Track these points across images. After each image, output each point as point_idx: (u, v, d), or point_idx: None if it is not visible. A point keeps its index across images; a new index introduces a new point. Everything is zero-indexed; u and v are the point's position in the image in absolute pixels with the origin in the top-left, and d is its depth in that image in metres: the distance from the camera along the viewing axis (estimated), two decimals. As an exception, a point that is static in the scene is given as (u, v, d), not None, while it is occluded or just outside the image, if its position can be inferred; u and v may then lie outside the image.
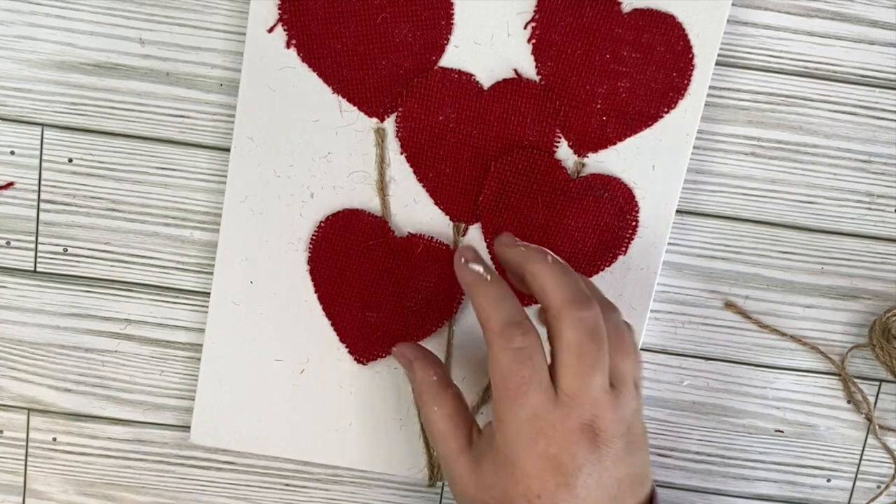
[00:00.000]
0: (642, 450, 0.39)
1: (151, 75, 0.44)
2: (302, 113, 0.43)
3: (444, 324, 0.45)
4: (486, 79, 0.43)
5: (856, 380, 0.49)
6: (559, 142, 0.44)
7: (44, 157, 0.45)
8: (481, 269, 0.39)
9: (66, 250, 0.46)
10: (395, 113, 0.43)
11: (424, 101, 0.43)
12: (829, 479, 0.50)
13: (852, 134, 0.46)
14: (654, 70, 0.43)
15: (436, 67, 0.43)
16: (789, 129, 0.46)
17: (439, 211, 0.44)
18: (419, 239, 0.44)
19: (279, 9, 0.42)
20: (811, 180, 0.47)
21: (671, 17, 0.43)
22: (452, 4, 0.42)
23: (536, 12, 0.42)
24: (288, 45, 0.42)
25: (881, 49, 0.45)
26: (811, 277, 0.48)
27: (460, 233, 0.45)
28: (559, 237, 0.44)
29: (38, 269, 0.46)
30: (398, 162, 0.44)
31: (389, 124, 0.44)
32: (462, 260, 0.40)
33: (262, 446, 0.47)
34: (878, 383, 0.49)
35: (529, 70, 0.43)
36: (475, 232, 0.45)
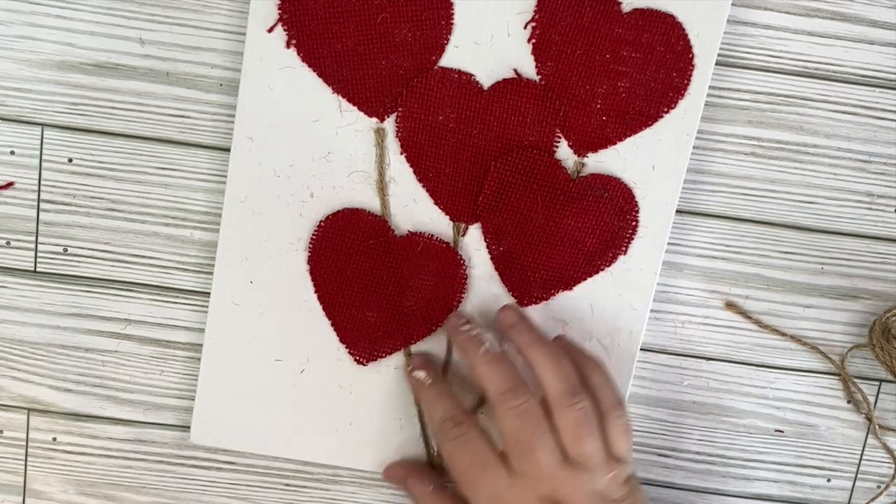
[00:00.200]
0: None
1: (151, 75, 0.44)
2: (302, 113, 0.43)
3: (441, 326, 0.45)
4: (486, 79, 0.43)
5: (856, 380, 0.49)
6: (559, 142, 0.44)
7: (44, 157, 0.45)
8: (423, 375, 0.44)
9: (66, 250, 0.46)
10: (395, 113, 0.43)
11: (424, 101, 0.43)
12: (829, 479, 0.50)
13: (852, 134, 0.46)
14: (654, 70, 0.43)
15: (436, 67, 0.43)
16: (789, 129, 0.46)
17: (439, 211, 0.44)
18: (419, 237, 0.44)
19: (279, 9, 0.42)
20: (811, 180, 0.47)
21: (671, 17, 0.43)
22: (452, 4, 0.42)
23: (536, 12, 0.42)
24: (288, 45, 0.42)
25: (881, 49, 0.45)
26: (811, 277, 0.48)
27: (460, 233, 0.45)
28: (559, 237, 0.44)
29: (38, 269, 0.46)
30: (398, 162, 0.44)
31: (389, 124, 0.44)
32: (409, 368, 0.45)
33: (262, 446, 0.47)
34: (878, 383, 0.49)
35: (529, 70, 0.43)
36: (475, 232, 0.45)
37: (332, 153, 0.44)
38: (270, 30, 0.42)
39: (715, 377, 0.49)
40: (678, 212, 0.45)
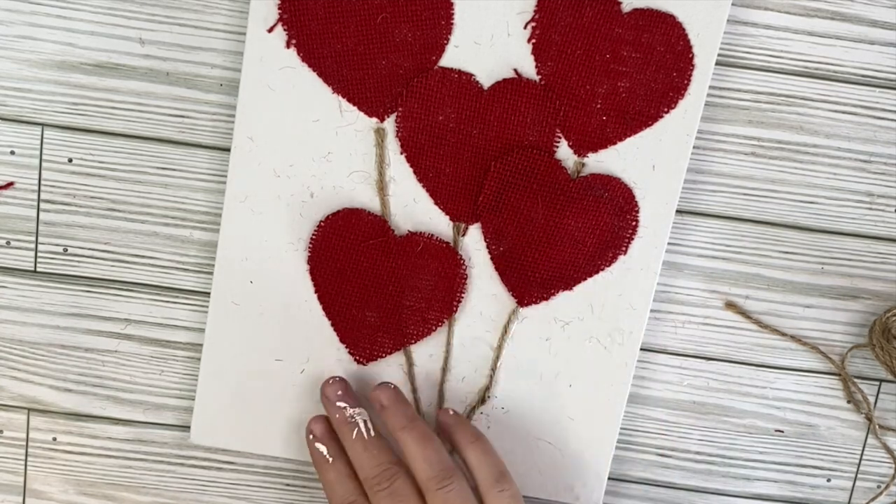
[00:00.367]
0: None
1: (151, 75, 0.44)
2: (302, 113, 0.43)
3: (444, 323, 0.45)
4: (486, 79, 0.43)
5: (856, 380, 0.49)
6: (559, 142, 0.44)
7: (44, 157, 0.45)
8: (325, 451, 0.43)
9: (66, 250, 0.46)
10: (395, 113, 0.43)
11: (424, 101, 0.43)
12: (829, 479, 0.50)
13: (852, 134, 0.46)
14: (654, 70, 0.43)
15: (436, 67, 0.43)
16: (789, 129, 0.46)
17: (439, 211, 0.44)
18: (419, 237, 0.44)
19: (279, 9, 0.42)
20: (811, 180, 0.47)
21: (671, 17, 0.43)
22: (452, 4, 0.42)
23: (536, 12, 0.42)
24: (288, 45, 0.42)
25: (881, 49, 0.45)
26: (811, 277, 0.48)
27: (460, 233, 0.45)
28: (559, 237, 0.44)
29: (38, 269, 0.46)
30: (398, 162, 0.44)
31: (389, 124, 0.44)
32: (310, 436, 0.44)
33: (262, 446, 0.47)
34: (878, 383, 0.49)
35: (529, 70, 0.43)
36: (475, 232, 0.45)
37: (332, 153, 0.44)
38: (270, 30, 0.42)
39: (715, 377, 0.49)
40: (678, 212, 0.45)
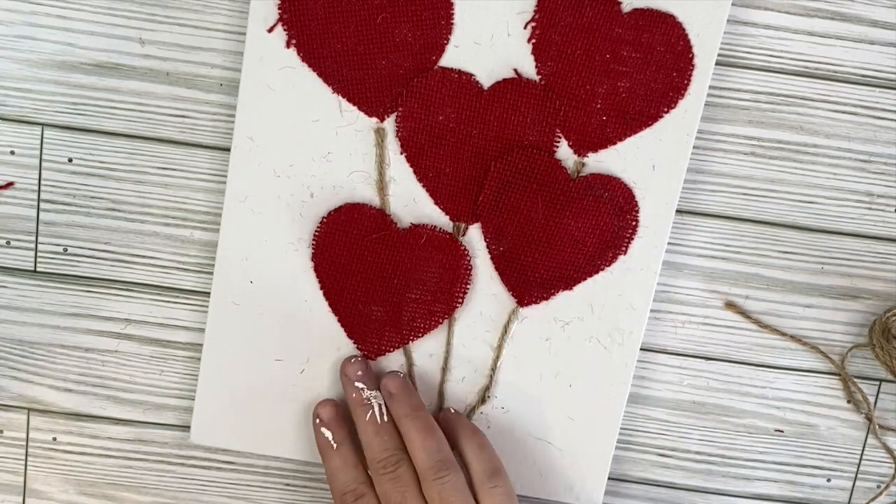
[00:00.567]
0: None
1: (151, 75, 0.44)
2: (302, 113, 0.43)
3: (447, 318, 0.45)
4: (486, 79, 0.43)
5: (856, 380, 0.49)
6: (559, 142, 0.44)
7: (44, 157, 0.45)
8: (330, 436, 0.43)
9: (66, 250, 0.46)
10: (395, 113, 0.43)
11: (424, 101, 0.43)
12: (829, 479, 0.50)
13: (852, 134, 0.46)
14: (654, 70, 0.43)
15: (436, 67, 0.43)
16: (789, 129, 0.46)
17: (439, 210, 0.44)
18: (422, 229, 0.44)
19: (279, 9, 0.42)
20: (811, 180, 0.47)
21: (671, 17, 0.43)
22: (452, 4, 0.42)
23: (536, 12, 0.42)
24: (288, 45, 0.42)
25: (881, 49, 0.45)
26: (811, 277, 0.48)
27: (460, 232, 0.45)
28: (559, 237, 0.44)
29: (38, 269, 0.46)
30: (398, 162, 0.44)
31: (389, 124, 0.44)
32: (316, 420, 0.44)
33: (262, 446, 0.47)
34: (878, 383, 0.49)
35: (529, 70, 0.43)
36: (475, 232, 0.45)
37: (332, 153, 0.44)
38: (270, 30, 0.42)
39: (715, 377, 0.49)
40: (678, 212, 0.45)
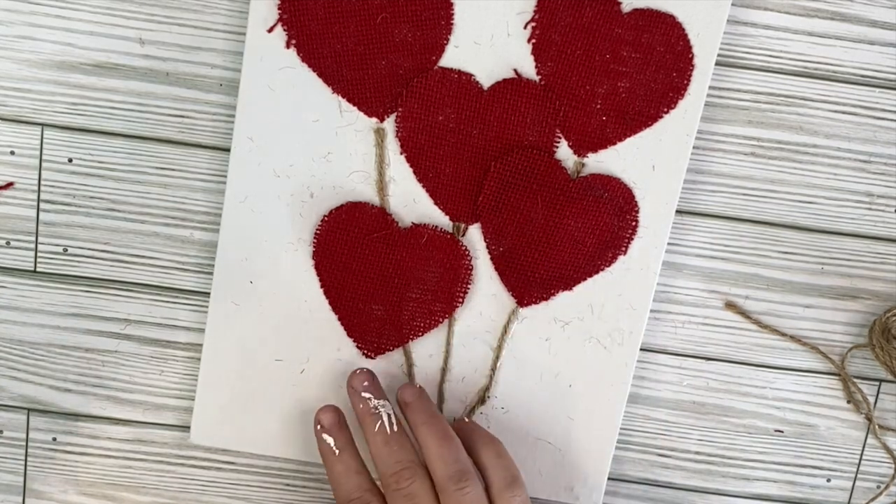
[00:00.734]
0: None
1: (151, 75, 0.44)
2: (302, 113, 0.43)
3: (447, 318, 0.45)
4: (486, 79, 0.43)
5: (856, 380, 0.49)
6: (559, 142, 0.44)
7: (44, 157, 0.45)
8: (332, 442, 0.43)
9: (66, 250, 0.46)
10: (395, 113, 0.43)
11: (424, 101, 0.43)
12: (829, 479, 0.50)
13: (852, 134, 0.46)
14: (654, 70, 0.43)
15: (436, 67, 0.43)
16: (789, 129, 0.46)
17: (439, 211, 0.44)
18: (423, 229, 0.44)
19: (279, 9, 0.42)
20: (811, 180, 0.47)
21: (671, 17, 0.43)
22: (452, 4, 0.42)
23: (536, 12, 0.42)
24: (288, 45, 0.42)
25: (881, 49, 0.45)
26: (811, 277, 0.48)
27: (460, 233, 0.45)
28: (559, 237, 0.44)
29: (38, 269, 0.46)
30: (398, 162, 0.44)
31: (389, 124, 0.44)
32: (318, 427, 0.43)
33: (262, 446, 0.47)
34: (878, 383, 0.49)
35: (529, 70, 0.43)
36: (475, 232, 0.45)
37: (332, 153, 0.44)
38: (270, 30, 0.42)
39: (715, 377, 0.49)
40: (678, 212, 0.45)
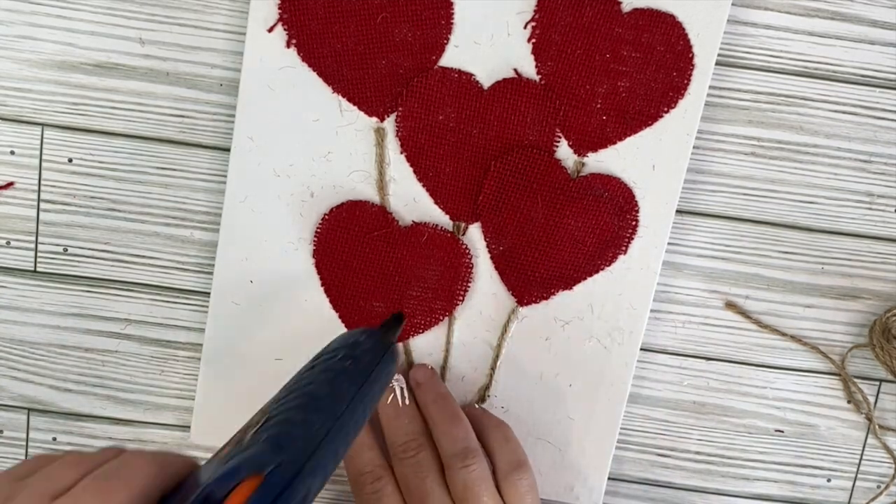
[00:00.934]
0: None
1: (151, 75, 0.44)
2: (302, 113, 0.43)
3: (447, 316, 0.45)
4: (486, 78, 0.43)
5: (856, 380, 0.49)
6: (559, 141, 0.44)
7: (44, 157, 0.45)
8: None
9: (66, 250, 0.46)
10: (396, 112, 0.43)
11: (424, 101, 0.43)
12: (829, 479, 0.50)
13: (852, 134, 0.46)
14: (654, 70, 0.43)
15: (436, 67, 0.43)
16: (789, 129, 0.46)
17: (439, 210, 0.44)
18: (424, 227, 0.44)
19: (279, 9, 0.42)
20: (811, 180, 0.47)
21: (671, 17, 0.43)
22: (452, 4, 0.42)
23: (536, 12, 0.42)
24: (288, 45, 0.42)
25: (881, 49, 0.45)
26: (811, 277, 0.48)
27: (460, 232, 0.45)
28: (559, 237, 0.44)
29: (38, 269, 0.46)
30: (398, 161, 0.44)
31: (389, 124, 0.44)
32: None
33: (262, 446, 0.47)
34: (878, 383, 0.49)
35: (529, 70, 0.43)
36: (475, 231, 0.45)
37: (332, 153, 0.44)
38: (270, 30, 0.42)
39: (715, 377, 0.49)
40: (678, 212, 0.45)
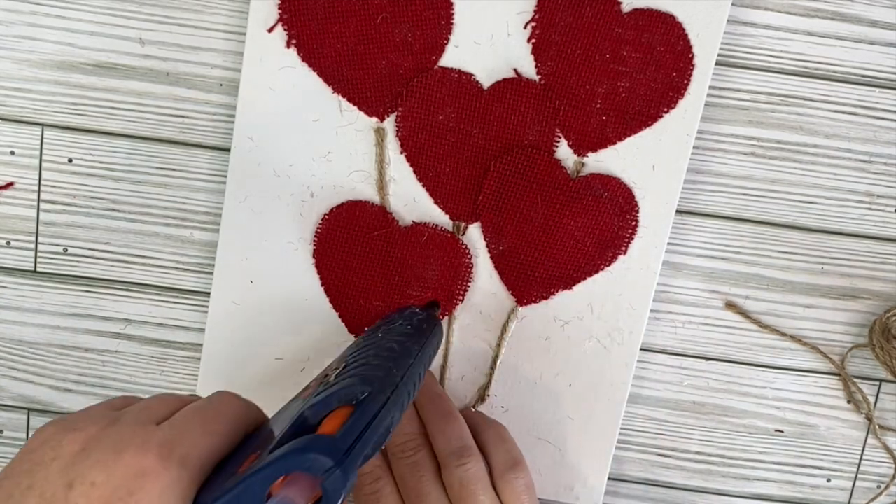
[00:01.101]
0: None
1: (151, 75, 0.44)
2: (302, 113, 0.43)
3: (447, 315, 0.45)
4: (486, 78, 0.43)
5: (856, 380, 0.49)
6: (559, 141, 0.44)
7: (44, 157, 0.45)
8: None
9: (66, 250, 0.46)
10: (395, 112, 0.43)
11: (424, 101, 0.43)
12: (829, 479, 0.50)
13: (852, 134, 0.46)
14: (654, 70, 0.43)
15: (436, 67, 0.43)
16: (789, 129, 0.46)
17: (439, 210, 0.44)
18: (424, 227, 0.44)
19: (279, 9, 0.42)
20: (811, 180, 0.47)
21: (671, 17, 0.43)
22: (452, 4, 0.42)
23: (536, 12, 0.42)
24: (288, 45, 0.42)
25: (881, 49, 0.45)
26: (811, 277, 0.48)
27: (460, 231, 0.45)
28: (559, 237, 0.44)
29: (38, 269, 0.46)
30: (398, 161, 0.44)
31: (389, 124, 0.44)
32: None
33: (262, 446, 0.47)
34: (878, 383, 0.49)
35: (529, 70, 0.43)
36: (475, 231, 0.45)
37: (332, 153, 0.44)
38: (270, 30, 0.42)
39: (715, 377, 0.49)
40: (678, 212, 0.45)
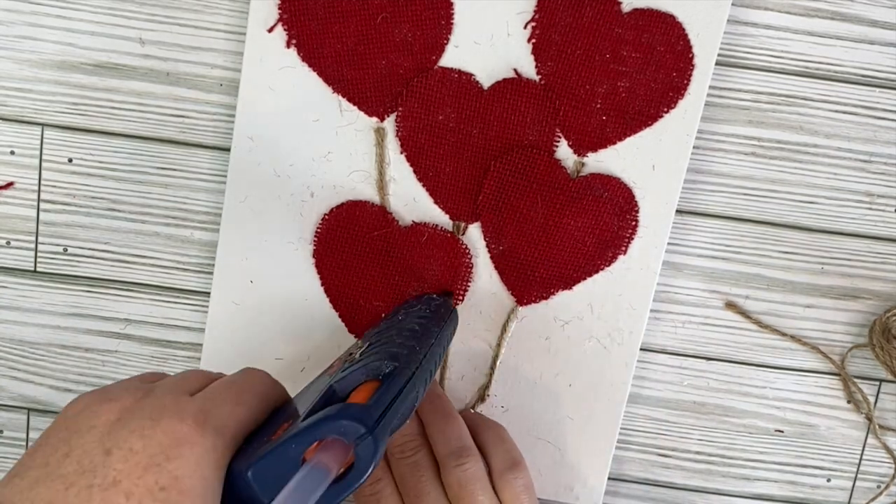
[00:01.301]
0: None
1: (151, 75, 0.44)
2: (302, 113, 0.43)
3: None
4: (486, 78, 0.43)
5: (856, 380, 0.49)
6: (559, 141, 0.44)
7: (44, 157, 0.45)
8: None
9: (66, 250, 0.46)
10: (395, 112, 0.43)
11: (424, 101, 0.43)
12: (829, 479, 0.50)
13: (852, 134, 0.46)
14: (654, 70, 0.43)
15: (436, 67, 0.43)
16: (789, 129, 0.46)
17: (439, 210, 0.44)
18: (424, 227, 0.44)
19: (279, 9, 0.42)
20: (811, 180, 0.47)
21: (671, 17, 0.43)
22: (452, 4, 0.42)
23: (536, 12, 0.42)
24: (288, 45, 0.42)
25: (881, 49, 0.45)
26: (811, 277, 0.48)
27: (460, 231, 0.45)
28: (559, 237, 0.44)
29: (38, 269, 0.46)
30: (398, 161, 0.44)
31: (389, 124, 0.44)
32: None
33: (262, 446, 0.47)
34: (878, 383, 0.49)
35: (529, 70, 0.43)
36: (475, 231, 0.45)
37: (332, 153, 0.44)
38: (270, 30, 0.42)
39: (715, 377, 0.49)
40: (678, 212, 0.45)
